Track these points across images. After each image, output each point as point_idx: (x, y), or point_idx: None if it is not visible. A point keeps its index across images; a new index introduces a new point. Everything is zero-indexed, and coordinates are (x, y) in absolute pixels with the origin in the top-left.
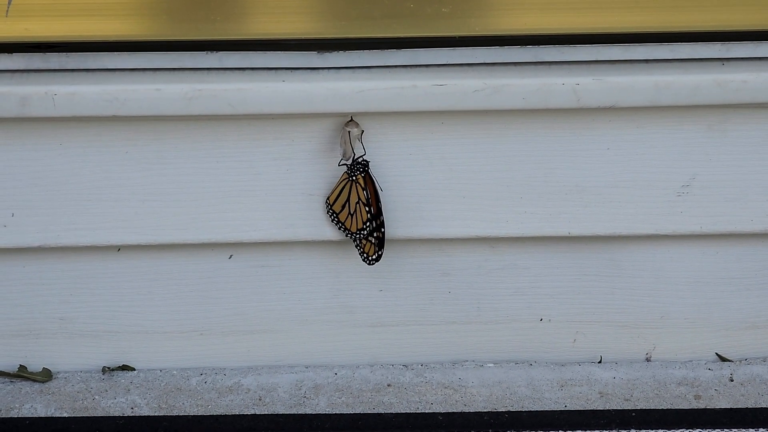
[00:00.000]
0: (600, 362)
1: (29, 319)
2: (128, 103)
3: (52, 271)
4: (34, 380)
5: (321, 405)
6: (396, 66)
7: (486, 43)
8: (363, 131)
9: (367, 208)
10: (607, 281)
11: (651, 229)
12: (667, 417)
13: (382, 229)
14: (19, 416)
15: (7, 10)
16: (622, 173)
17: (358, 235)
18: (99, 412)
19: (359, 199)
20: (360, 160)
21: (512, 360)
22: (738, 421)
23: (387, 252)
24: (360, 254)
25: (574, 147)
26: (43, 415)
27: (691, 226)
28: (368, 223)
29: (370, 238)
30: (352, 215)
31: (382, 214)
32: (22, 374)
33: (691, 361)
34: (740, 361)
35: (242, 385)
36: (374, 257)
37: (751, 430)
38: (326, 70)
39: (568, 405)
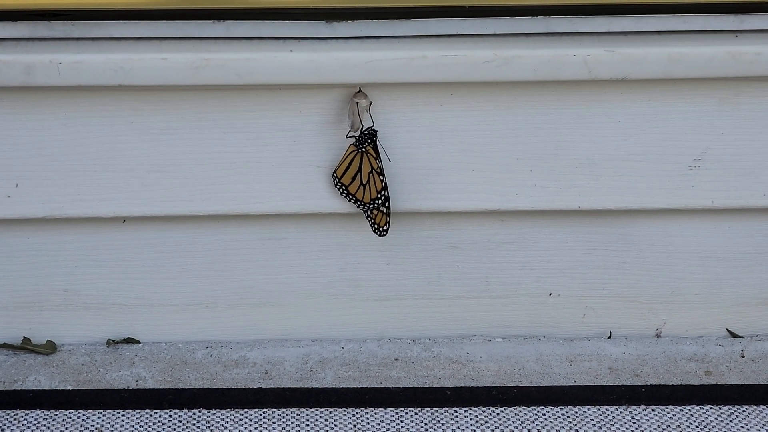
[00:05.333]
0: (610, 338)
1: (33, 290)
2: (134, 72)
3: (57, 242)
4: (39, 352)
5: (328, 379)
6: (405, 36)
7: (496, 14)
8: (371, 102)
9: (381, 177)
10: (617, 256)
11: (662, 203)
12: (677, 393)
13: (387, 203)
14: (23, 388)
15: None
16: (634, 146)
17: (371, 206)
18: (103, 385)
19: (372, 168)
20: (367, 130)
21: (521, 335)
22: (749, 398)
23: (395, 225)
24: (371, 225)
25: (585, 119)
26: (47, 387)
27: (703, 200)
28: (383, 192)
29: (382, 208)
30: (364, 186)
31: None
32: (26, 346)
33: (702, 337)
34: (751, 338)
35: (248, 358)
36: (385, 227)
37: (762, 406)
38: (334, 40)
39: (577, 380)
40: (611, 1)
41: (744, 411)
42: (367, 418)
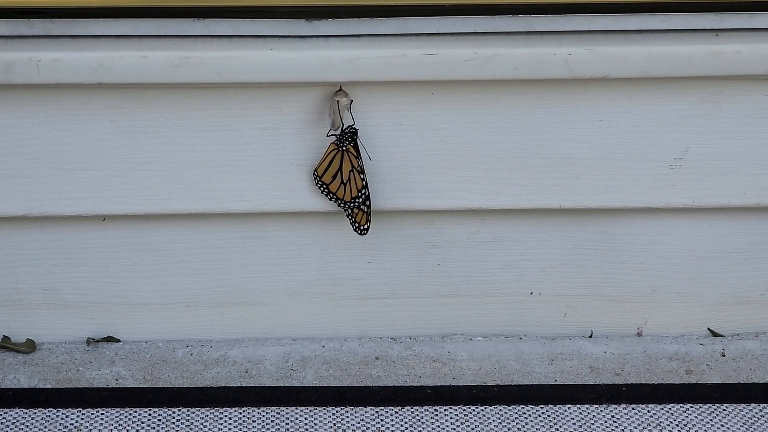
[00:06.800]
0: (591, 336)
1: (13, 289)
2: (114, 70)
3: (37, 241)
4: (18, 351)
5: (308, 378)
6: (386, 35)
7: (477, 12)
8: (352, 101)
9: (362, 176)
10: (598, 255)
11: (643, 202)
12: (657, 392)
13: (368, 202)
14: (2, 387)
15: None
16: (615, 145)
17: (352, 204)
18: (83, 384)
19: (353, 167)
20: (348, 129)
21: (502, 334)
22: (729, 397)
23: (376, 224)
24: (352, 224)
25: (566, 118)
26: (26, 386)
27: (684, 199)
28: (363, 191)
29: (362, 207)
30: (345, 184)
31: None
32: (5, 345)
33: (683, 335)
34: (732, 337)
35: (229, 357)
36: (366, 226)
37: (742, 405)
38: (315, 39)
39: (558, 379)
40: None
41: (724, 410)
42: (348, 417)
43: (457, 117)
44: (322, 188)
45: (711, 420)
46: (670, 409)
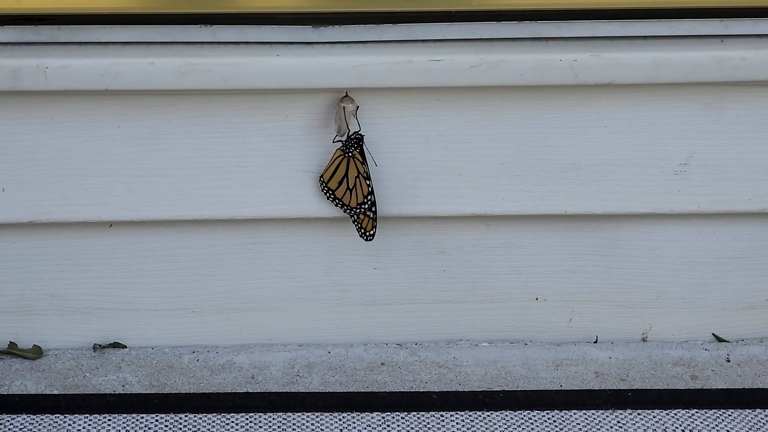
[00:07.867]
0: (596, 342)
1: (20, 295)
2: (120, 76)
3: (43, 247)
4: (25, 357)
5: (314, 383)
6: (392, 41)
7: (483, 18)
8: (358, 107)
9: (368, 182)
10: (603, 260)
11: (648, 207)
12: (663, 397)
13: (374, 208)
14: (9, 393)
15: None
16: (620, 151)
17: (358, 210)
18: (90, 390)
19: (359, 173)
20: (354, 135)
21: (507, 339)
22: (734, 402)
23: (381, 229)
24: (357, 230)
25: (572, 124)
26: (33, 392)
27: (689, 205)
28: (369, 197)
29: (368, 213)
30: (351, 190)
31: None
32: (12, 351)
33: (688, 341)
34: (737, 342)
35: (235, 363)
36: (372, 232)
37: (747, 410)
38: (321, 45)
39: (563, 384)
40: (597, 5)
41: (730, 415)
42: (354, 423)
43: (463, 123)
44: (328, 194)
45: (716, 425)
46: (675, 414)
